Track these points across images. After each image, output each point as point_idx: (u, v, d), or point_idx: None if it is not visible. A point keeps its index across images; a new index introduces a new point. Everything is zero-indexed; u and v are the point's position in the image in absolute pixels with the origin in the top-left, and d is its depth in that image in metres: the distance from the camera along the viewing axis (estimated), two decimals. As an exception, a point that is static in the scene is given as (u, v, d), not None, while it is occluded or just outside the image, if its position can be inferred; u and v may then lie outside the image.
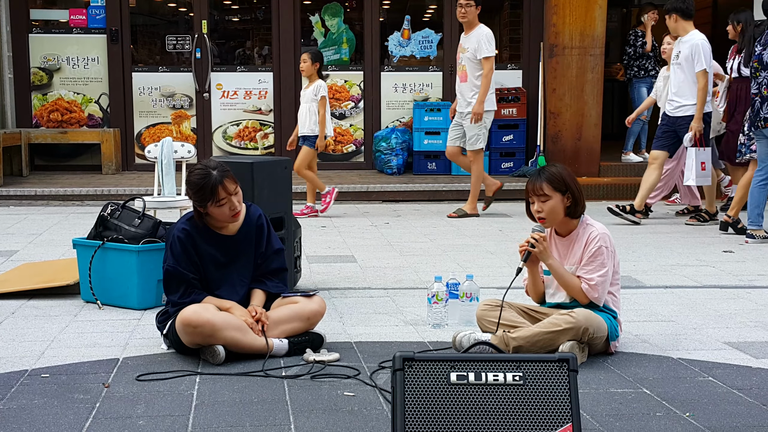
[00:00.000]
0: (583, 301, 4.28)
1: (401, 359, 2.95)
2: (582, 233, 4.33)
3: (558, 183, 4.25)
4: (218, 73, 11.72)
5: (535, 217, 4.33)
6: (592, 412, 3.58)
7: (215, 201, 4.27)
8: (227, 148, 11.76)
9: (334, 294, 5.65)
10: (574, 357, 3.00)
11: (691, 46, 8.23)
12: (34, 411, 3.58)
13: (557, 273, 4.29)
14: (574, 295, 4.30)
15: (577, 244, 4.33)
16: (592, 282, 4.24)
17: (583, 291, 4.26)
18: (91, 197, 9.94)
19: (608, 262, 4.27)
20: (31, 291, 5.53)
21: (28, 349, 4.44)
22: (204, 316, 4.13)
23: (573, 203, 4.29)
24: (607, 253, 4.27)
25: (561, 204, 4.27)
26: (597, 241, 4.26)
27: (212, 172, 4.28)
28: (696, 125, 8.20)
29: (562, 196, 4.26)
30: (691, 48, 8.23)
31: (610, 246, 4.30)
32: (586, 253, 4.27)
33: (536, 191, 4.27)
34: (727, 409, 3.63)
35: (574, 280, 4.28)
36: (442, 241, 7.62)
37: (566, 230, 4.38)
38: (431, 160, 11.34)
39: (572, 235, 4.36)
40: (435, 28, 11.95)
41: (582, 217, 4.36)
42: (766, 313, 5.22)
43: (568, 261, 4.35)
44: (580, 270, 4.28)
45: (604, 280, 4.26)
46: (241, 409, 3.60)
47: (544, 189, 4.26)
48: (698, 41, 8.24)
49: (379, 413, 3.56)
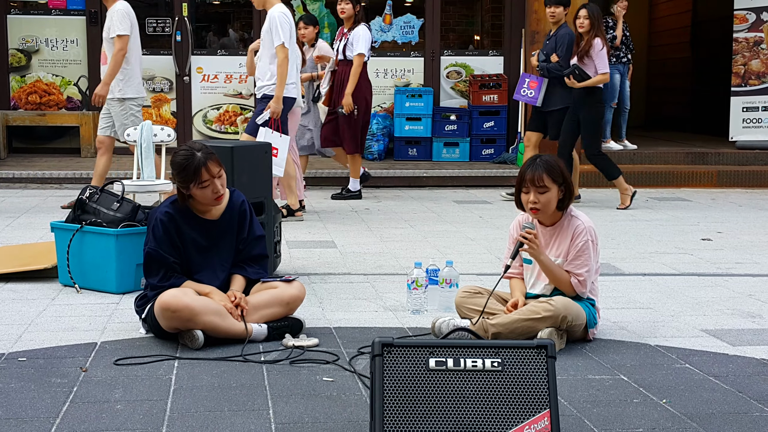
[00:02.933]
0: (570, 293, 4.29)
1: (380, 345, 2.96)
2: (567, 225, 4.32)
3: (557, 175, 4.22)
4: (198, 56, 11.66)
5: (526, 208, 4.29)
6: (569, 399, 3.60)
7: (198, 182, 4.26)
8: (207, 132, 11.70)
9: (313, 279, 5.64)
10: (552, 344, 3.02)
11: (270, 18, 7.48)
12: (11, 395, 3.56)
13: (547, 268, 4.27)
14: (563, 289, 4.29)
15: (562, 235, 4.32)
16: (581, 278, 4.25)
17: (573, 285, 4.27)
18: (69, 180, 9.87)
19: (594, 255, 4.29)
20: (8, 274, 5.50)
21: (5, 333, 4.42)
22: (183, 301, 4.12)
23: (565, 196, 4.28)
24: (593, 247, 4.28)
25: (557, 197, 4.26)
26: (583, 234, 4.26)
27: (197, 153, 4.27)
28: (275, 105, 7.37)
29: (558, 188, 4.24)
30: (269, 21, 7.48)
31: (595, 239, 4.32)
32: (573, 247, 4.27)
33: (536, 182, 4.20)
34: (703, 395, 3.66)
35: (563, 275, 4.27)
36: (423, 227, 7.62)
37: (551, 221, 4.37)
38: (412, 146, 11.32)
39: (557, 225, 4.35)
40: (417, 14, 11.91)
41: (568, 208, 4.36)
42: (743, 301, 5.26)
43: (552, 251, 4.34)
44: (569, 265, 4.27)
45: (591, 274, 4.29)
46: (220, 394, 3.60)
47: (544, 180, 4.20)
48: (276, 14, 7.45)
49: (358, 399, 3.56)
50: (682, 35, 15.87)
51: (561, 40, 8.65)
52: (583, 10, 8.49)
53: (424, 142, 11.29)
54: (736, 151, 11.29)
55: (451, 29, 12.38)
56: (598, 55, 8.42)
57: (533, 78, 8.89)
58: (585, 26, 8.43)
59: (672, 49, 16.37)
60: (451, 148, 11.32)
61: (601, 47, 8.43)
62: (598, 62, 8.42)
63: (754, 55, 11.52)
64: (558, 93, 8.71)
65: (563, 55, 8.60)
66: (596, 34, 8.43)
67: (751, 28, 11.53)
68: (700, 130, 14.42)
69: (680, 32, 15.98)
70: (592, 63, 8.44)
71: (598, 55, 8.42)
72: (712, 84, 14.22)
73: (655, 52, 17.04)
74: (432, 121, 11.26)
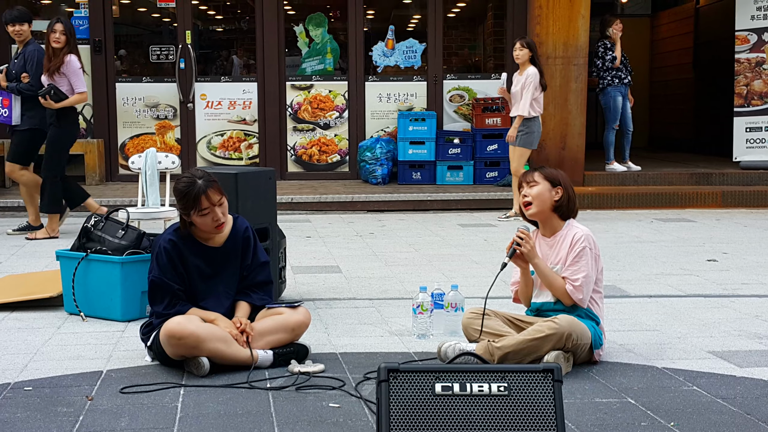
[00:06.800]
0: (567, 302, 4.30)
1: (386, 370, 2.95)
2: (566, 234, 4.37)
3: (549, 174, 4.38)
4: (202, 83, 11.71)
5: (521, 204, 4.40)
6: (577, 422, 3.58)
7: (198, 210, 4.27)
8: (211, 158, 11.74)
9: (319, 305, 5.64)
10: (559, 367, 3.01)
11: None
12: (17, 424, 3.55)
13: (542, 273, 4.31)
14: (559, 296, 4.31)
15: (562, 244, 4.36)
16: (576, 283, 4.26)
17: (568, 292, 4.27)
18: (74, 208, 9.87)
19: (592, 262, 4.29)
20: (14, 303, 5.50)
21: (11, 362, 4.41)
22: (188, 328, 4.11)
23: (564, 200, 4.33)
24: (590, 254, 4.30)
25: (548, 193, 4.32)
26: (581, 241, 4.29)
27: (197, 181, 4.28)
28: None
29: (551, 186, 4.33)
30: None
31: (594, 248, 4.33)
32: (570, 254, 4.30)
33: (527, 179, 4.39)
34: (711, 418, 3.64)
35: (559, 281, 4.29)
36: (428, 251, 7.62)
37: (551, 231, 4.41)
38: (416, 170, 11.34)
39: (557, 235, 4.40)
40: (419, 38, 11.96)
41: (568, 220, 4.40)
42: (750, 322, 5.25)
43: (551, 260, 4.38)
44: (565, 271, 4.30)
45: (589, 281, 4.28)
46: (226, 422, 3.58)
47: (534, 176, 4.37)
48: None
49: (365, 425, 3.55)
50: (685, 56, 15.91)
51: (30, 57, 8.21)
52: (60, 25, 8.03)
53: (427, 166, 11.31)
54: (740, 172, 11.29)
55: (453, 53, 12.44)
56: (74, 73, 8.03)
57: (4, 95, 8.25)
58: (61, 42, 7.96)
59: (674, 71, 16.41)
60: (454, 171, 11.33)
61: (78, 65, 8.05)
62: (74, 80, 8.04)
63: (756, 76, 11.55)
64: (31, 112, 8.22)
65: (33, 73, 8.15)
66: (70, 50, 8.03)
67: (752, 49, 11.56)
68: (703, 151, 14.43)
69: (682, 53, 16.03)
70: (66, 80, 8.02)
71: (73, 72, 8.03)
72: (715, 105, 14.24)
73: (657, 74, 17.09)
74: (435, 144, 11.29)
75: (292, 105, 11.75)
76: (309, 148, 11.82)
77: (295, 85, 11.77)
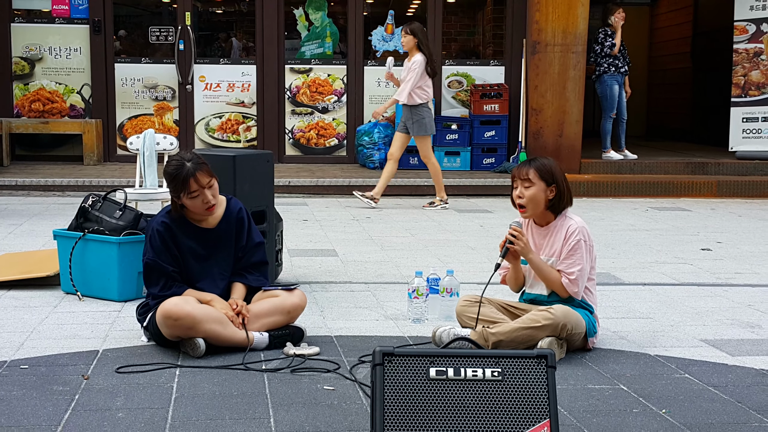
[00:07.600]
0: (563, 294, 4.31)
1: (381, 354, 2.97)
2: (561, 225, 4.36)
3: (545, 173, 4.29)
4: (201, 65, 11.69)
5: (515, 203, 4.35)
6: (569, 408, 3.61)
7: (187, 192, 4.28)
8: (210, 140, 11.73)
9: (315, 288, 5.66)
10: (553, 353, 3.03)
11: None
12: (13, 402, 3.57)
13: (537, 267, 4.31)
14: (554, 289, 4.33)
15: (556, 236, 4.35)
16: (572, 277, 4.27)
17: (563, 285, 4.29)
18: (72, 188, 9.89)
19: (586, 255, 4.30)
20: (10, 282, 5.51)
21: (7, 340, 4.43)
22: (184, 309, 4.13)
23: (557, 198, 4.31)
24: (585, 246, 4.30)
25: (543, 194, 4.29)
26: (576, 234, 4.29)
27: (186, 163, 4.29)
28: None
29: (546, 186, 4.29)
30: None
31: (588, 240, 4.34)
32: (565, 247, 4.30)
33: (521, 175, 4.30)
34: (703, 405, 3.67)
35: (554, 274, 4.31)
36: (423, 236, 7.64)
37: (545, 221, 4.41)
38: (413, 155, 11.32)
39: (550, 225, 4.38)
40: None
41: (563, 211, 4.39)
42: (743, 311, 5.28)
43: (545, 251, 4.37)
44: (560, 264, 4.31)
45: (584, 274, 4.30)
46: (221, 402, 3.61)
47: (530, 174, 4.28)
48: None
49: (359, 407, 3.58)
50: (683, 46, 15.91)
51: None
52: None
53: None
54: (736, 162, 11.31)
55: (452, 39, 12.42)
56: None
57: None
58: None
59: (672, 60, 16.41)
60: (452, 157, 11.34)
61: None
62: None
63: (754, 66, 11.55)
64: None
65: None
66: None
67: (751, 39, 11.56)
68: (700, 140, 14.44)
69: (681, 43, 16.02)
70: None
71: None
72: (713, 94, 14.25)
73: (655, 63, 17.08)
74: (433, 130, 11.27)
75: (291, 88, 11.74)
76: (307, 131, 11.82)
77: (294, 69, 11.76)
